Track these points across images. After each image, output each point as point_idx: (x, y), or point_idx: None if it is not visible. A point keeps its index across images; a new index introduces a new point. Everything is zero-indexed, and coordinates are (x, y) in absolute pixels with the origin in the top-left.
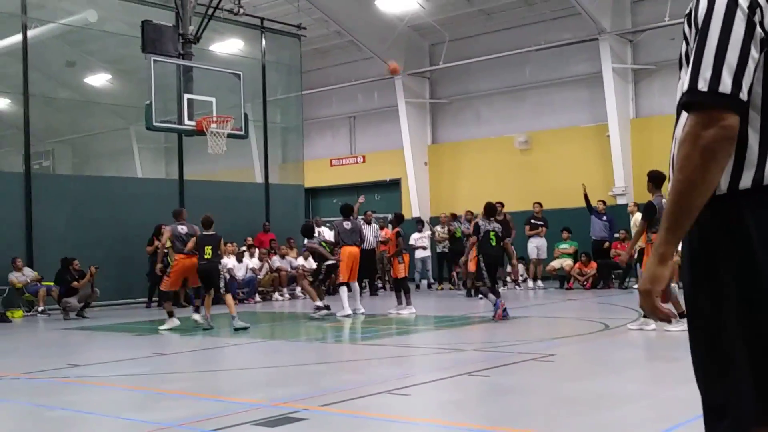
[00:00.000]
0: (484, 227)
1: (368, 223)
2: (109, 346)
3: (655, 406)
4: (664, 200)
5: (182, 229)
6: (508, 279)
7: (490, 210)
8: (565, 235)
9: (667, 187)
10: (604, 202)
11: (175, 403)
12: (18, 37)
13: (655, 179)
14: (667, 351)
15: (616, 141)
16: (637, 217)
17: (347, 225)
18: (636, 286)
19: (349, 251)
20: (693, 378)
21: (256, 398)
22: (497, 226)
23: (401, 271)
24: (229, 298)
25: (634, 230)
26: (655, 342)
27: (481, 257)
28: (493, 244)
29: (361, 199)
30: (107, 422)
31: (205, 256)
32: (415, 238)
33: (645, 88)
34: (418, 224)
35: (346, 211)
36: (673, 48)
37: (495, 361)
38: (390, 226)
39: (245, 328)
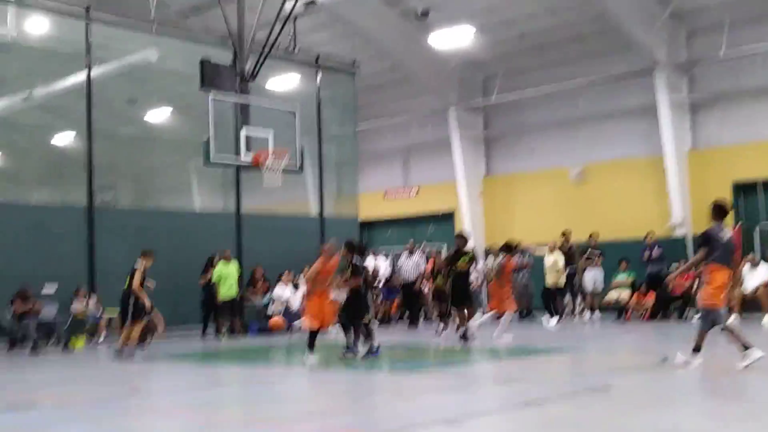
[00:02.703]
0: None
1: (410, 253)
2: (170, 376)
3: None
4: (725, 230)
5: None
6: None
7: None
8: (623, 266)
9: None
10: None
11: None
12: (82, 76)
13: (718, 211)
14: (728, 386)
15: (673, 173)
16: None
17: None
18: (696, 317)
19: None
20: (752, 414)
21: (310, 427)
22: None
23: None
24: None
25: None
26: (716, 376)
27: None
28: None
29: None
30: None
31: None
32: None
33: (702, 120)
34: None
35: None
36: (730, 79)
37: (551, 393)
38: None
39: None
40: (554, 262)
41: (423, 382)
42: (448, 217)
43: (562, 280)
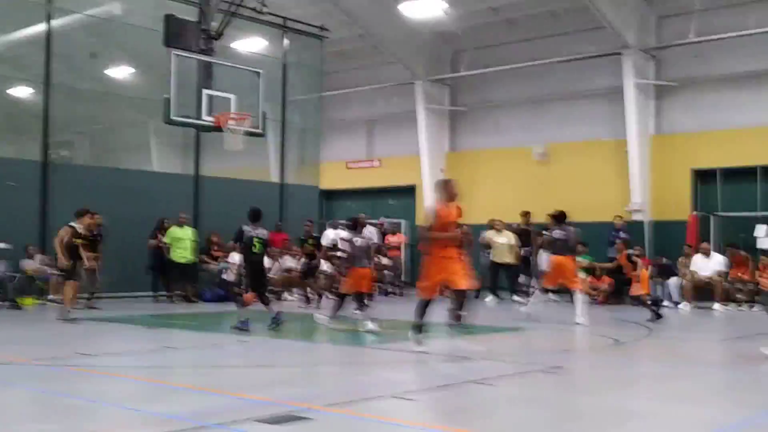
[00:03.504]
0: (248, 233)
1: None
2: (118, 338)
3: (661, 423)
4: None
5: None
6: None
7: (256, 216)
8: (580, 248)
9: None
10: (620, 217)
11: (181, 397)
12: (42, 26)
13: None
14: (678, 367)
15: (635, 157)
16: None
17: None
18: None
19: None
20: (701, 396)
21: (261, 396)
22: (262, 232)
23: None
24: None
25: None
26: (668, 358)
27: (246, 265)
28: (256, 251)
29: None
30: (114, 412)
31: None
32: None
33: (667, 105)
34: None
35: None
36: (696, 65)
37: (502, 371)
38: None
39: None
40: (506, 241)
41: (378, 357)
42: (410, 191)
43: (509, 259)
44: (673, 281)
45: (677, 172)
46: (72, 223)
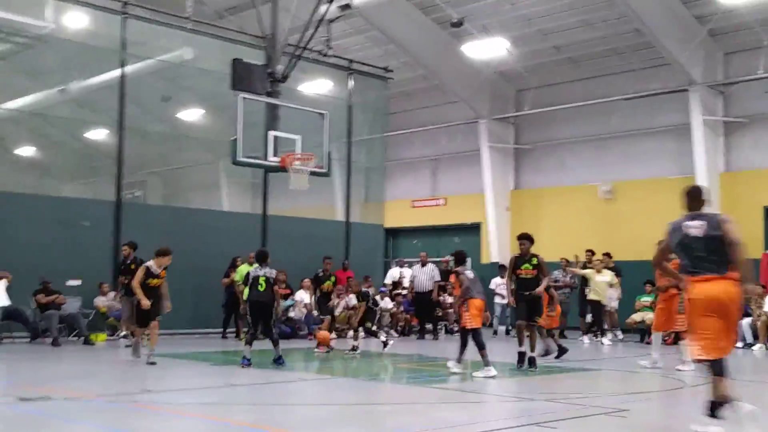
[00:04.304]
0: (254, 273)
1: (423, 265)
2: (184, 375)
3: None
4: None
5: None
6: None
7: (262, 257)
8: (647, 288)
9: None
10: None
11: None
12: (117, 72)
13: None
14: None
15: None
16: None
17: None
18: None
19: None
20: None
21: None
22: (269, 272)
23: (467, 320)
24: None
25: None
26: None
27: (250, 303)
28: (261, 289)
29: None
30: None
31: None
32: (496, 284)
33: (736, 142)
34: (499, 270)
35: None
36: (766, 101)
37: (565, 414)
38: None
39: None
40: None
41: (434, 396)
42: (474, 229)
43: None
44: (745, 321)
45: (749, 210)
46: (148, 263)
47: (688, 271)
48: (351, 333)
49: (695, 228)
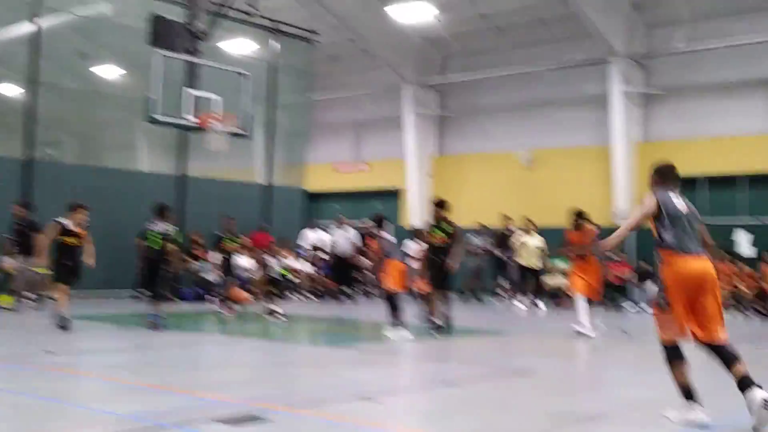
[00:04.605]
0: (145, 226)
1: (342, 228)
2: (88, 336)
3: (630, 424)
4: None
5: None
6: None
7: (158, 211)
8: (560, 252)
9: None
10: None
11: (141, 396)
12: (31, 26)
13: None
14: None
15: (619, 163)
16: None
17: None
18: (630, 308)
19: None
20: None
21: (225, 396)
22: (163, 228)
23: (388, 282)
24: None
25: None
26: (641, 361)
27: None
28: (154, 246)
29: None
30: (70, 411)
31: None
32: (409, 248)
33: (655, 113)
34: (415, 234)
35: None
36: (684, 74)
37: (475, 374)
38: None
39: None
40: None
41: (347, 357)
42: (396, 195)
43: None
44: (649, 284)
45: None
46: (60, 219)
47: (675, 246)
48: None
49: (680, 204)
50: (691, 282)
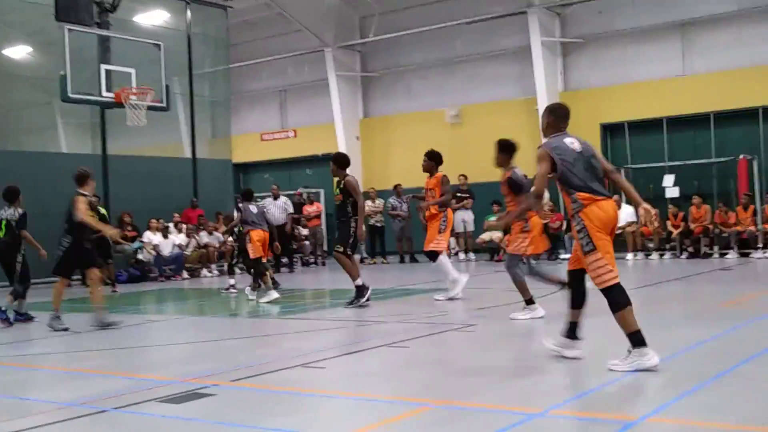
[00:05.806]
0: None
1: (275, 198)
2: (19, 325)
3: (567, 375)
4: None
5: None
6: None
7: (6, 196)
8: (495, 208)
9: None
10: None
11: (82, 382)
12: None
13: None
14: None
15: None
16: None
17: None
18: (564, 256)
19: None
20: (605, 348)
21: (166, 375)
22: (10, 213)
23: (250, 250)
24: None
25: None
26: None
27: None
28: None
29: None
30: (8, 403)
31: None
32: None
33: (574, 62)
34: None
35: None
36: (600, 22)
37: (415, 333)
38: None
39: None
40: None
41: (287, 327)
42: (326, 160)
43: None
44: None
45: (587, 127)
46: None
47: (584, 188)
48: (205, 272)
49: (576, 145)
50: (610, 224)
